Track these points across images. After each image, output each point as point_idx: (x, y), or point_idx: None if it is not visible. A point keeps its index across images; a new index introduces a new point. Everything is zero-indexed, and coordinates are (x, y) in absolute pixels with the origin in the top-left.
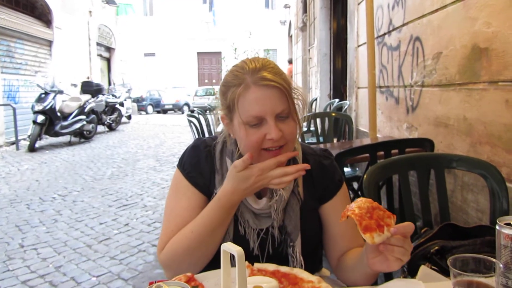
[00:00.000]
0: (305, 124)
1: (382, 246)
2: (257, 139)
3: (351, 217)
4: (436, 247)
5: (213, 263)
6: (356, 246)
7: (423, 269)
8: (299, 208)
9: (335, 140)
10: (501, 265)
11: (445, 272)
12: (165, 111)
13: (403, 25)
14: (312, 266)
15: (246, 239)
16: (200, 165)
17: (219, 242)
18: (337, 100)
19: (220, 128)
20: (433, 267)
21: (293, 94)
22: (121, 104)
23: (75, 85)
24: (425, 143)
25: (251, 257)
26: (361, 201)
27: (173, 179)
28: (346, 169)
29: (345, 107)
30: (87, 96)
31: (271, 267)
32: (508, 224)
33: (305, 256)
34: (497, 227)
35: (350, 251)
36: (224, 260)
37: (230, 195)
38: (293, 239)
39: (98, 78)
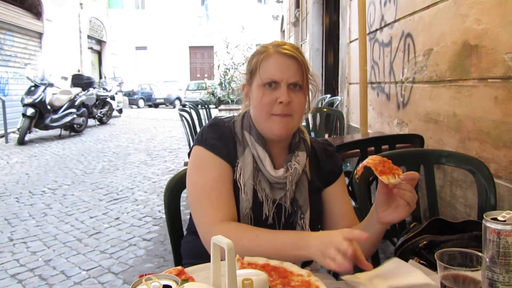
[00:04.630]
0: None
1: (396, 190)
2: (269, 101)
3: (368, 165)
4: (425, 242)
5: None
6: (355, 225)
7: (411, 263)
8: (307, 186)
9: (326, 136)
10: (487, 259)
11: (434, 267)
12: (156, 105)
13: (395, 21)
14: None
15: (262, 207)
16: (222, 138)
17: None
18: (328, 95)
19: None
20: (421, 261)
21: (309, 77)
22: (112, 98)
23: (65, 78)
24: (415, 139)
25: (266, 226)
26: (372, 156)
27: (193, 157)
28: None
29: (337, 103)
30: (77, 89)
31: (261, 260)
32: (494, 219)
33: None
34: (483, 222)
35: None
36: (214, 253)
37: (307, 241)
38: (304, 211)
39: (89, 71)
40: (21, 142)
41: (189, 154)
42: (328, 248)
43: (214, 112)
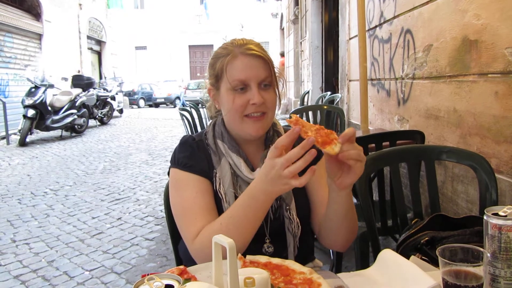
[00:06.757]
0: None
1: (341, 155)
2: (241, 103)
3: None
4: (426, 238)
5: None
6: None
7: (413, 260)
8: None
9: None
10: (488, 255)
11: (435, 262)
12: (157, 105)
13: (394, 17)
14: (305, 255)
15: None
16: (194, 155)
17: (251, 233)
18: (329, 93)
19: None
20: (423, 257)
21: (276, 71)
22: (113, 98)
23: (65, 79)
24: (416, 135)
25: None
26: (303, 122)
27: (170, 179)
28: None
29: (337, 100)
30: (78, 90)
31: (263, 259)
32: (496, 214)
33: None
34: (484, 217)
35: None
36: (215, 252)
37: (258, 184)
38: (288, 203)
39: (89, 71)
40: (22, 143)
41: (168, 173)
42: (271, 167)
43: None
